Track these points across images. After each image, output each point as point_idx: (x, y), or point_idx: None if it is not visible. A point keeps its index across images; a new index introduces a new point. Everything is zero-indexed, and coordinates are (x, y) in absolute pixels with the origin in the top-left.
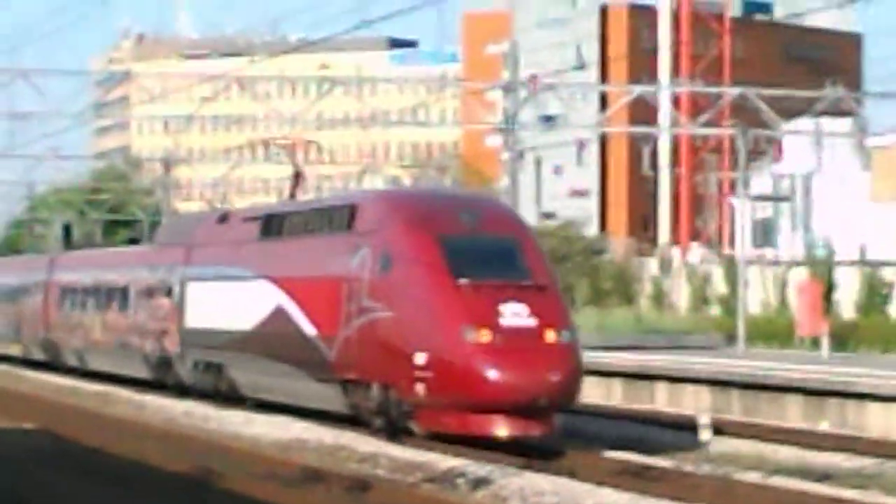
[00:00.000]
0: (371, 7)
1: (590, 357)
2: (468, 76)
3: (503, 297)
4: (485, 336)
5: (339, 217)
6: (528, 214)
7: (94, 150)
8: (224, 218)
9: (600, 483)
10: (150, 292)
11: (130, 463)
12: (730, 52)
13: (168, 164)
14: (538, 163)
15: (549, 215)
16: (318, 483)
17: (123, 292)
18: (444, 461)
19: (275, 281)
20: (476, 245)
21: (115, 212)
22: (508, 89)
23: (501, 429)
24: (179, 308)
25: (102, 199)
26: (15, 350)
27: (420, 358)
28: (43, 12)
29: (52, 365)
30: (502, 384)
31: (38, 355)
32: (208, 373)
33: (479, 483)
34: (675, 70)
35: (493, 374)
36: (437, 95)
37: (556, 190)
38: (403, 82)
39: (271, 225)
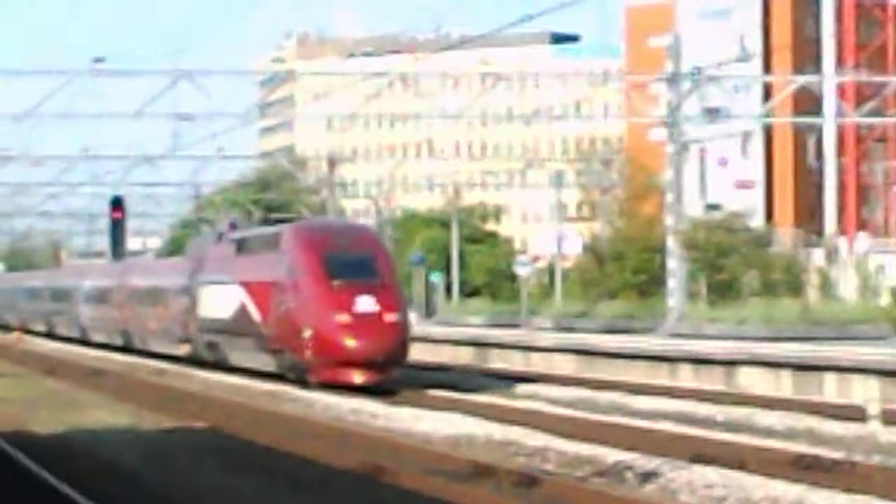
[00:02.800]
0: (533, 2)
1: (756, 348)
2: (631, 69)
3: (358, 291)
4: (345, 318)
5: (272, 241)
6: (693, 206)
7: (259, 150)
8: (219, 238)
9: (770, 475)
10: (181, 292)
11: (300, 460)
12: (894, 41)
13: (332, 162)
14: (702, 155)
15: (714, 207)
16: (486, 478)
17: (164, 292)
18: (612, 455)
19: (241, 284)
20: (345, 258)
21: (281, 211)
22: (672, 82)
23: (357, 377)
24: (194, 304)
25: (268, 199)
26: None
27: (307, 333)
28: (206, 13)
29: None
30: (355, 349)
31: (118, 341)
32: (211, 349)
33: (648, 476)
34: (839, 59)
35: (349, 342)
36: (600, 89)
37: (721, 182)
38: (566, 77)
39: (241, 245)
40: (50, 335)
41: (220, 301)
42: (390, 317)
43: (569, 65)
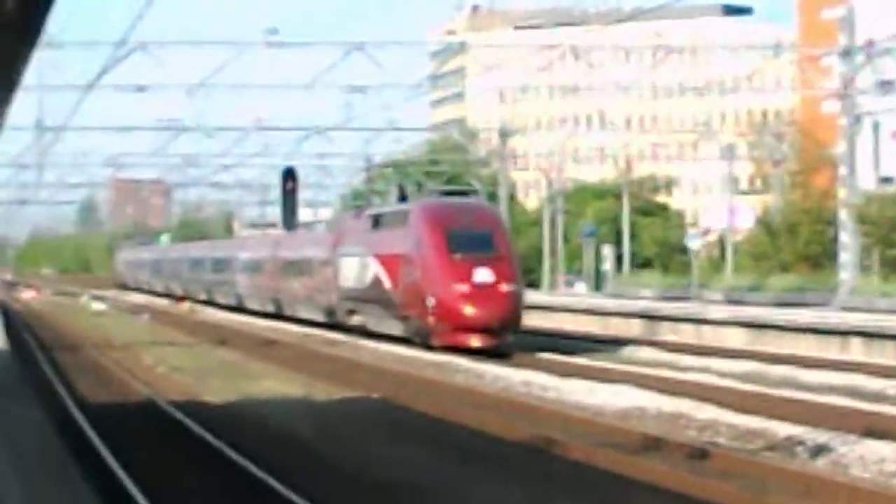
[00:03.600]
0: None
1: None
2: (803, 41)
3: (477, 264)
4: (464, 288)
5: (402, 218)
6: (866, 180)
7: (430, 122)
8: (357, 215)
9: None
10: (324, 263)
11: (470, 432)
12: None
13: (504, 134)
14: (876, 128)
15: (887, 180)
16: (657, 451)
17: (306, 263)
18: (783, 429)
19: (374, 256)
20: (465, 234)
21: (452, 183)
22: (845, 54)
23: (475, 341)
24: (336, 274)
25: (439, 171)
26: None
27: (430, 301)
28: None
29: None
30: (473, 316)
31: (268, 307)
32: (350, 315)
33: (819, 450)
34: None
35: (468, 310)
36: (772, 61)
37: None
38: (737, 49)
39: (375, 220)
40: (209, 303)
41: (358, 272)
42: (505, 287)
43: (740, 36)
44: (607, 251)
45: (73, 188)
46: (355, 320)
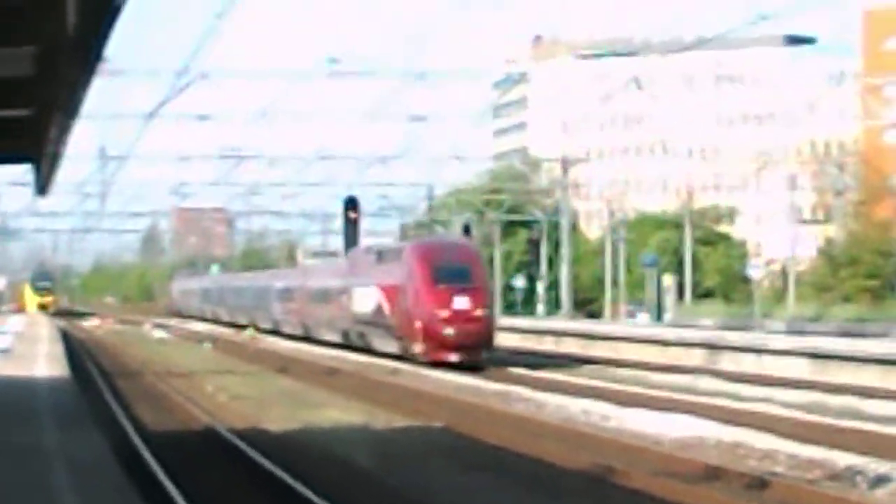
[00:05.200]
0: (768, 2)
1: None
2: (867, 72)
3: (456, 293)
4: (445, 313)
5: (398, 254)
6: None
7: (493, 152)
8: (368, 251)
9: None
10: (341, 292)
11: (531, 460)
12: None
13: (566, 163)
14: None
15: None
16: (716, 480)
17: (328, 292)
18: (843, 458)
19: (378, 286)
20: (449, 267)
21: (514, 212)
22: None
23: (454, 357)
24: (350, 301)
25: (501, 200)
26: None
27: (417, 325)
28: (441, 15)
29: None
30: (453, 337)
31: (297, 331)
32: (361, 337)
33: (880, 481)
34: None
35: (448, 332)
36: (835, 91)
37: None
38: (800, 78)
39: (379, 256)
40: (252, 326)
41: (366, 300)
42: (479, 312)
43: (803, 66)
44: (669, 281)
45: (136, 217)
46: (363, 341)
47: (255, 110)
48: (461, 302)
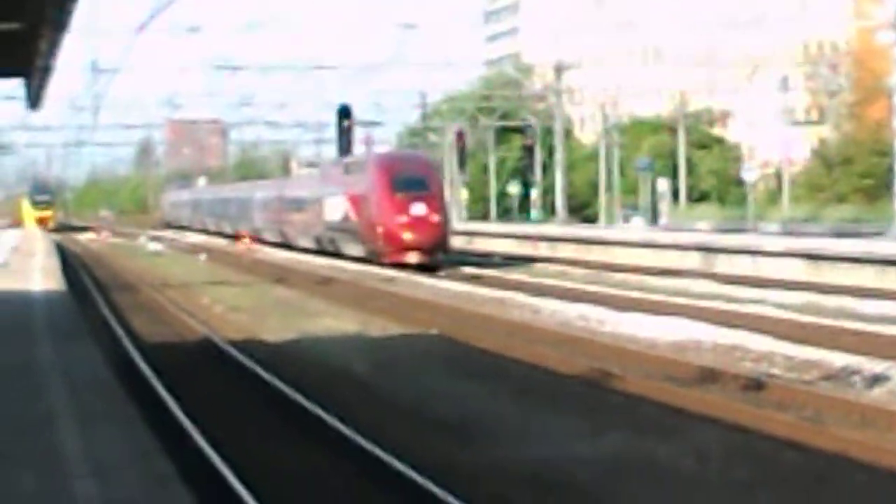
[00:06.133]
0: None
1: None
2: None
3: (414, 200)
4: (403, 219)
5: (362, 165)
6: None
7: (485, 58)
8: (337, 163)
9: None
10: (314, 201)
11: (527, 366)
12: None
13: (559, 69)
14: None
15: None
16: (713, 382)
17: (302, 201)
18: (839, 359)
19: (345, 196)
20: (407, 178)
21: (507, 119)
22: None
23: (412, 258)
24: (322, 210)
25: (494, 106)
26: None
27: (379, 230)
28: None
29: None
30: (411, 240)
31: (276, 238)
32: (331, 242)
33: (875, 380)
34: None
35: (406, 236)
36: None
37: None
38: None
39: (347, 167)
40: (236, 236)
41: (335, 208)
42: (435, 217)
43: None
44: (663, 185)
45: (130, 129)
46: (333, 246)
47: (246, 21)
48: (418, 208)
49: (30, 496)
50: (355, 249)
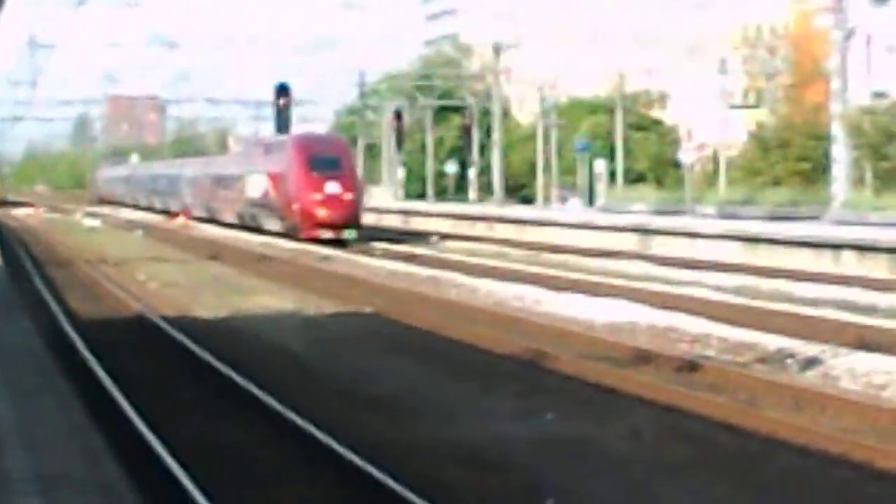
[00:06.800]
0: None
1: None
2: None
3: (328, 178)
4: (318, 196)
5: (282, 145)
6: (859, 94)
7: (424, 38)
8: (258, 143)
9: None
10: (237, 179)
11: (463, 346)
12: None
13: (497, 49)
14: (869, 41)
15: (880, 94)
16: (648, 363)
17: (226, 179)
18: (774, 341)
19: (266, 174)
20: (322, 158)
21: (446, 98)
22: None
23: (327, 234)
24: (244, 187)
25: (432, 86)
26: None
27: (296, 206)
28: None
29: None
30: (325, 216)
31: (203, 214)
32: (252, 218)
33: (810, 363)
34: None
35: (321, 212)
36: None
37: (888, 69)
38: None
39: (267, 147)
40: (166, 211)
41: (256, 186)
42: (347, 196)
43: None
44: (601, 166)
45: (67, 105)
46: (254, 222)
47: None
48: (332, 187)
49: None
50: (274, 225)
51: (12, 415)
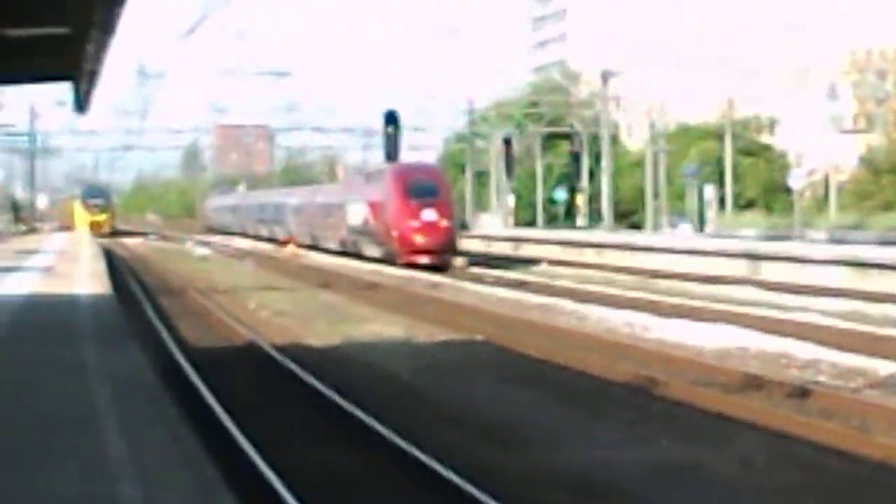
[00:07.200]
0: None
1: None
2: None
3: (425, 206)
4: (415, 223)
5: (381, 175)
6: None
7: (533, 64)
8: (358, 173)
9: None
10: (339, 207)
11: (573, 372)
12: None
13: (606, 75)
14: None
15: None
16: (758, 390)
17: (329, 207)
18: (885, 367)
19: (365, 203)
20: (420, 185)
21: (554, 125)
22: None
23: (424, 260)
24: (345, 216)
25: (541, 113)
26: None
27: (395, 233)
28: None
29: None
30: (422, 243)
31: (308, 241)
32: (353, 245)
33: None
34: None
35: (418, 239)
36: None
37: None
38: None
39: (367, 177)
40: (271, 239)
41: (357, 214)
42: (444, 223)
43: None
44: (710, 192)
45: (177, 134)
46: (355, 248)
47: (295, 27)
48: (429, 214)
49: (73, 500)
50: (374, 251)
51: (124, 444)
